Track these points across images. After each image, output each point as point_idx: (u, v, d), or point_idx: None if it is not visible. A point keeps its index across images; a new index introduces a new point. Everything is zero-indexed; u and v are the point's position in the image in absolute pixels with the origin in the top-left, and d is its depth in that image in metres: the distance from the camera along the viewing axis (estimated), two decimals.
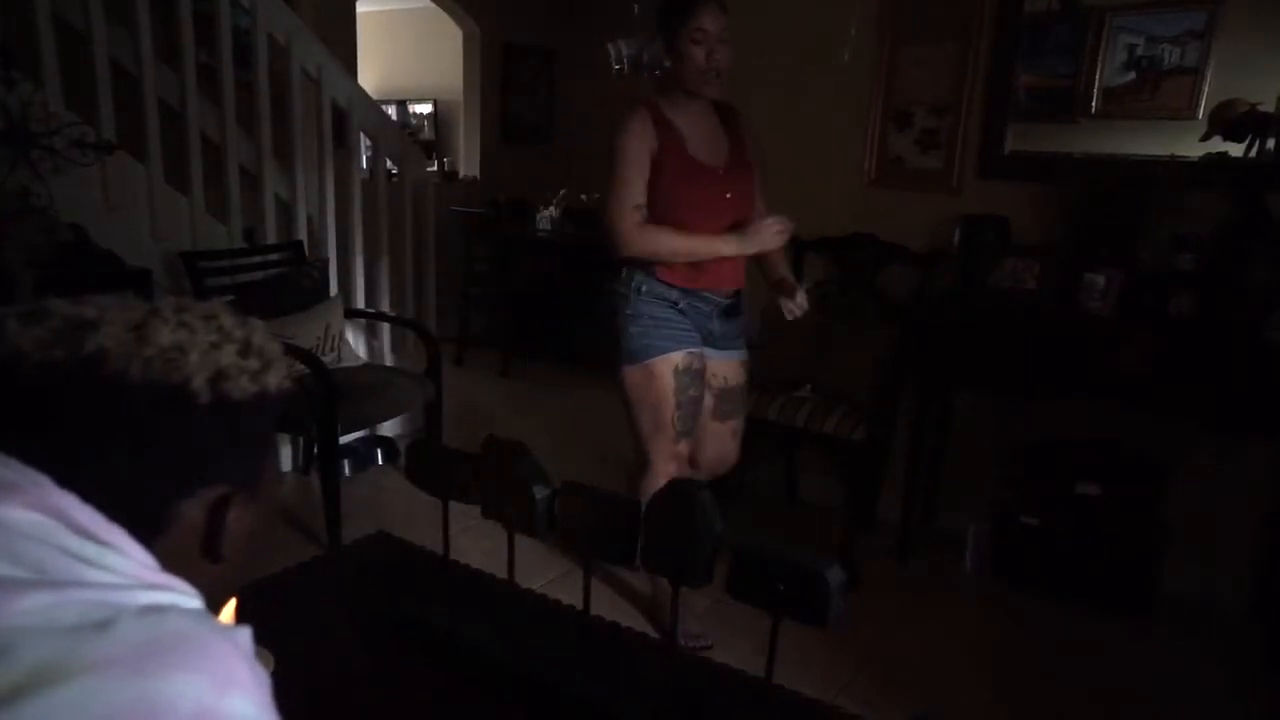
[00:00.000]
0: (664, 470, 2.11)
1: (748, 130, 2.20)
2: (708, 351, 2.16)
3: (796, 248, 3.00)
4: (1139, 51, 2.48)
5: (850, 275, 2.84)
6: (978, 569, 2.62)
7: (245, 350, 0.60)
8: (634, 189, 2.02)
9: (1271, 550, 2.38)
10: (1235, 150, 2.32)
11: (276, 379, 0.62)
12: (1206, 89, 2.38)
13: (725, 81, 2.04)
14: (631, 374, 2.10)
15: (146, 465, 0.56)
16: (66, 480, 0.53)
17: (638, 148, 2.02)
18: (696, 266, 2.07)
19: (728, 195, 2.09)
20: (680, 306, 2.10)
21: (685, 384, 2.09)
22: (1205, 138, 2.35)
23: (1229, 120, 2.31)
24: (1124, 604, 2.39)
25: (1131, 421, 2.38)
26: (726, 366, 2.23)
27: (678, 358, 2.07)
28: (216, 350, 0.58)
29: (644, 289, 2.08)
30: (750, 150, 2.17)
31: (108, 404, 0.54)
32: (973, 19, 2.65)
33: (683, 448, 2.15)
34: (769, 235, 2.07)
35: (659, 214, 2.04)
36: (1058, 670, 2.16)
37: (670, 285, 2.08)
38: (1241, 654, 2.27)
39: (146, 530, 0.56)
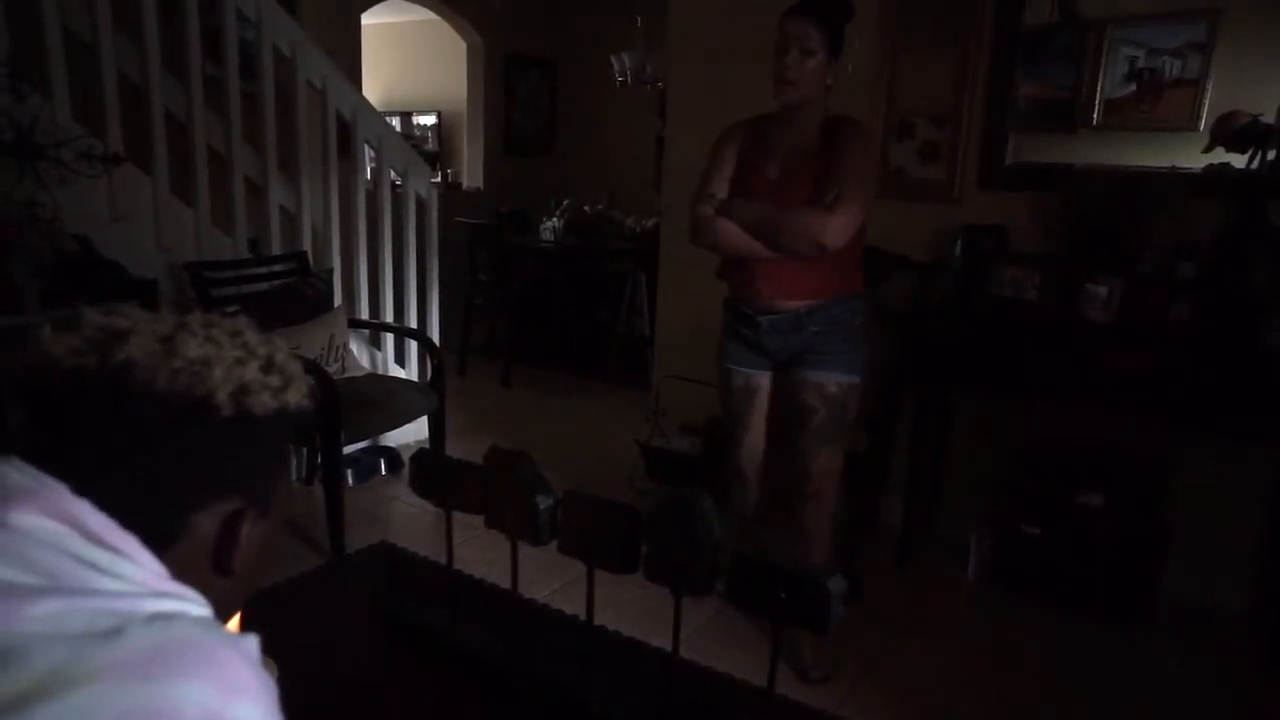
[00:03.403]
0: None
1: (846, 143, 1.97)
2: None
3: None
4: (1140, 63, 2.49)
5: None
6: (980, 577, 2.61)
7: (268, 367, 0.61)
8: (713, 180, 2.05)
9: (1272, 555, 2.38)
10: (1237, 161, 2.33)
11: (296, 397, 0.63)
12: (1207, 100, 2.39)
13: (797, 92, 1.95)
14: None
15: (164, 475, 0.57)
16: (84, 487, 0.54)
17: (725, 146, 2.09)
18: (743, 278, 2.07)
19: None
20: (726, 319, 2.18)
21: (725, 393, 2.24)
22: (1207, 149, 2.36)
23: (1231, 132, 2.32)
24: (1126, 611, 2.38)
25: (1132, 428, 2.38)
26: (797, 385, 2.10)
27: (725, 370, 2.20)
28: (241, 366, 0.59)
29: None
30: (830, 164, 1.96)
31: (132, 412, 0.55)
32: (973, 30, 2.66)
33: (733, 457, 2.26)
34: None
35: None
36: (1060, 678, 2.15)
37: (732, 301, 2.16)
38: (1243, 659, 2.27)
39: (159, 540, 0.56)
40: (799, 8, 1.94)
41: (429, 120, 6.18)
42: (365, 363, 3.30)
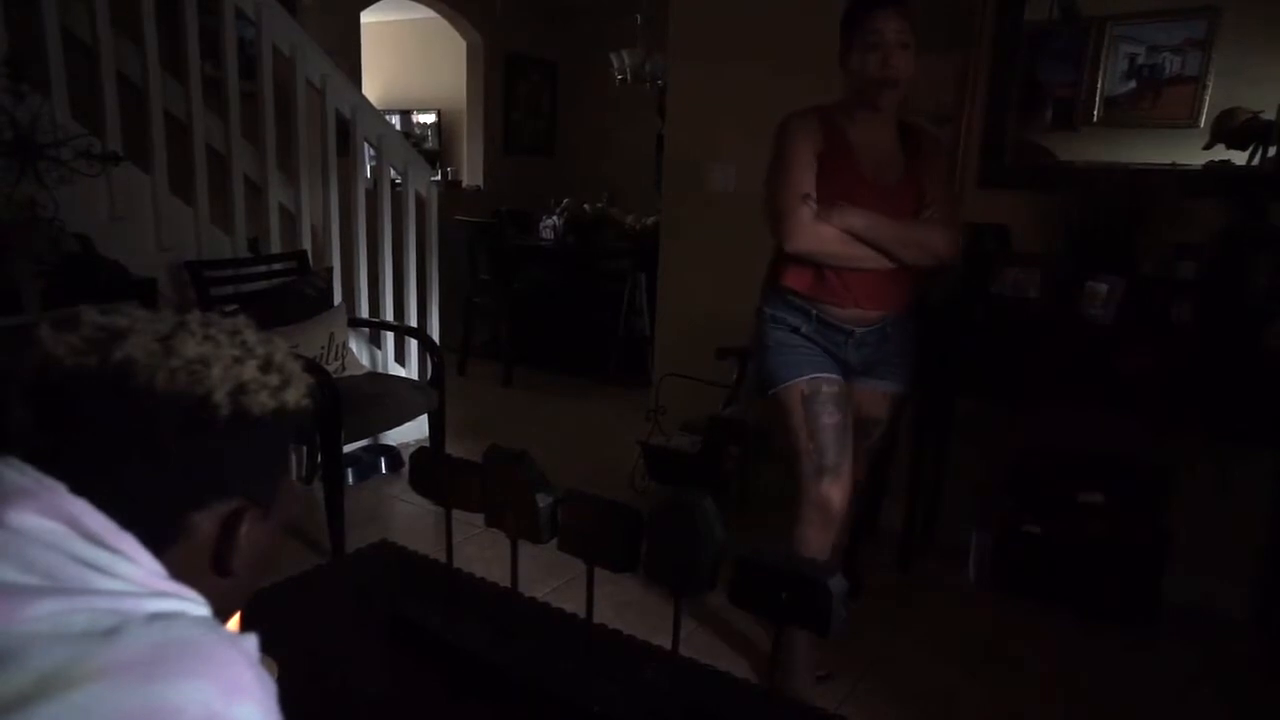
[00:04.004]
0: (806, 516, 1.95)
1: (931, 152, 1.98)
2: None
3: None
4: (1140, 60, 2.49)
5: None
6: (980, 578, 2.61)
7: (266, 366, 0.61)
8: (802, 180, 1.85)
9: (1274, 558, 2.38)
10: (1237, 158, 2.33)
11: (295, 396, 0.63)
12: (1208, 97, 2.39)
13: (899, 92, 1.85)
14: (766, 408, 1.97)
15: (163, 474, 0.57)
16: (82, 486, 0.54)
17: (804, 145, 1.88)
18: (835, 286, 1.91)
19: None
20: (803, 331, 1.94)
21: (817, 410, 1.91)
22: (1208, 146, 2.36)
23: (1231, 129, 2.32)
24: (1127, 613, 2.38)
25: (1134, 429, 2.38)
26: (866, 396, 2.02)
27: (802, 384, 1.92)
28: (239, 365, 0.59)
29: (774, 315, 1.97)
30: (926, 175, 1.94)
31: (131, 412, 0.55)
32: (974, 29, 2.66)
33: (827, 488, 1.93)
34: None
35: None
36: (1061, 680, 2.15)
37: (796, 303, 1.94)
38: (1244, 663, 2.27)
39: (158, 540, 0.56)
40: (885, 0, 1.82)
41: (429, 119, 6.17)
42: (365, 361, 3.31)
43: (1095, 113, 2.57)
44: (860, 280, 1.90)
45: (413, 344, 3.63)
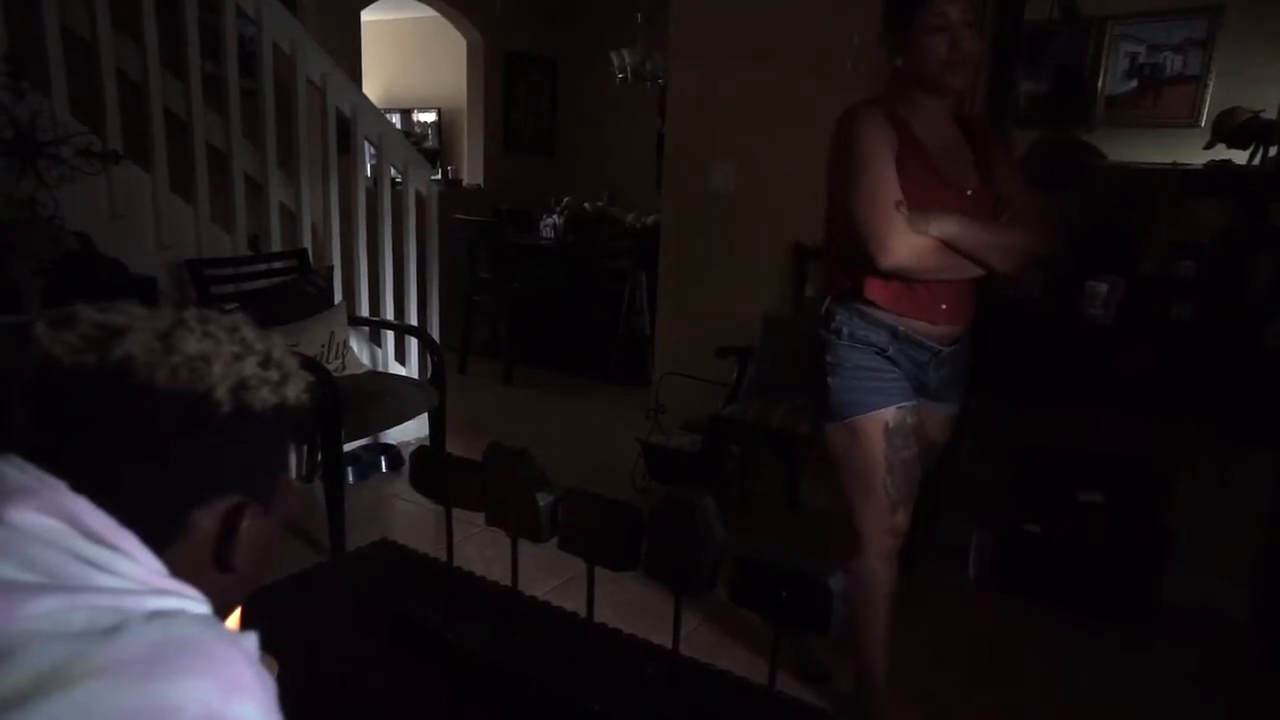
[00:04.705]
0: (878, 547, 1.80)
1: (997, 143, 1.82)
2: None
3: (800, 258, 3.00)
4: (1140, 59, 2.49)
5: None
6: (980, 578, 2.61)
7: (266, 362, 0.61)
8: (889, 184, 1.62)
9: (1274, 558, 2.38)
10: (1238, 158, 2.33)
11: (295, 392, 0.63)
12: (1208, 97, 2.39)
13: (969, 72, 1.68)
14: (834, 433, 1.78)
15: (164, 472, 0.57)
16: (82, 485, 0.54)
17: (881, 144, 1.64)
18: (923, 301, 1.71)
19: None
20: (889, 353, 1.74)
21: (899, 444, 1.74)
22: (1209, 145, 2.36)
23: (1231, 128, 2.32)
24: (1127, 612, 2.38)
25: (1134, 429, 2.37)
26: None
27: (888, 414, 1.73)
28: (239, 361, 0.59)
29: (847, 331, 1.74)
30: (999, 169, 1.76)
31: (132, 409, 0.55)
32: (975, 28, 2.66)
33: (900, 520, 1.79)
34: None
35: None
36: (1062, 679, 2.15)
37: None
38: (1244, 662, 2.27)
39: (159, 537, 0.56)
40: None
41: (429, 117, 6.17)
42: (365, 360, 3.30)
43: (1096, 112, 2.57)
44: (949, 292, 1.72)
45: (413, 342, 3.63)
